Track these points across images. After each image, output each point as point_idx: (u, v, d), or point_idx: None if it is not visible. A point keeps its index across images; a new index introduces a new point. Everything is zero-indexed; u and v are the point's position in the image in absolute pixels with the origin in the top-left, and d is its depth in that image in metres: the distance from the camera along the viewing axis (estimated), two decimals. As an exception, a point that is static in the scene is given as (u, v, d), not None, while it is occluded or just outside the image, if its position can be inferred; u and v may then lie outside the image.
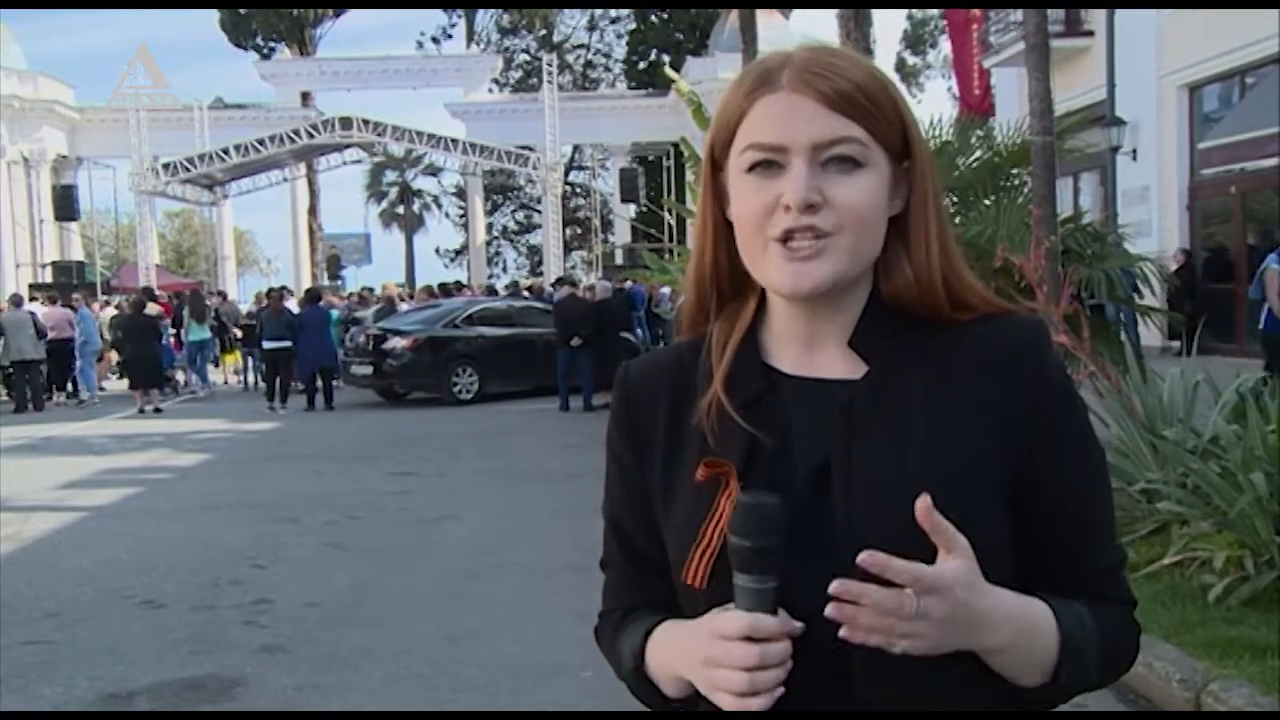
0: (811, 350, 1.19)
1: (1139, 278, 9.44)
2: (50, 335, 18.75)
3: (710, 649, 1.06)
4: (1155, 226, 18.12)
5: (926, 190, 1.17)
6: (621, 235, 40.29)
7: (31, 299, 21.50)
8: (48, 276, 31.11)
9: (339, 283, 42.31)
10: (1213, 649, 4.43)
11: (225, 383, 22.84)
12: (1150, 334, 11.38)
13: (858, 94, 1.11)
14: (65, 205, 32.83)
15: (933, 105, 68.40)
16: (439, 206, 56.69)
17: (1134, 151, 18.60)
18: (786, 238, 1.10)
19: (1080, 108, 16.48)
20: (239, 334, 21.54)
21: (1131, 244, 12.16)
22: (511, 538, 8.07)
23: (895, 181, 1.15)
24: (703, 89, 26.16)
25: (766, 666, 1.03)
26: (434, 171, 52.50)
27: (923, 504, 1.01)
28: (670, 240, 32.72)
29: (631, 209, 38.27)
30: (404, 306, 21.54)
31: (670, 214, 32.30)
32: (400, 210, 55.87)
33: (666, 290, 25.55)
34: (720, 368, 1.19)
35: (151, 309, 19.31)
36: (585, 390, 16.29)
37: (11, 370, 18.50)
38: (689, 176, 21.65)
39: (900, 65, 48.60)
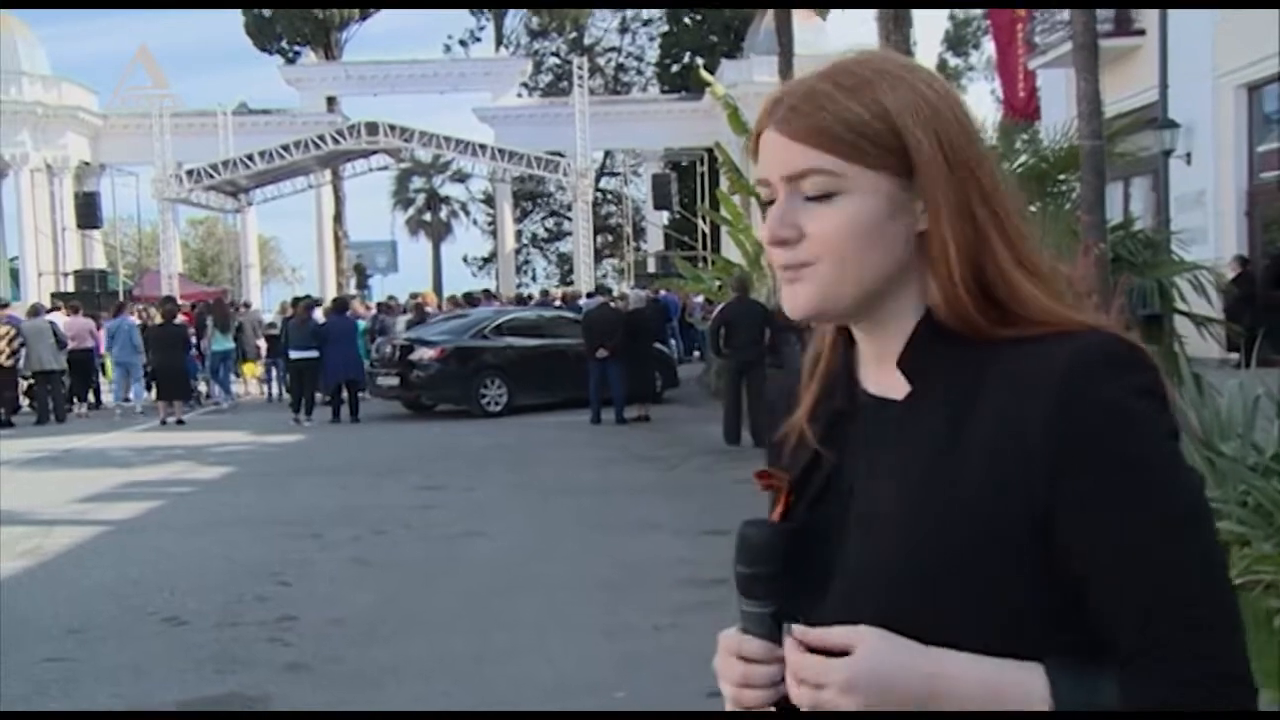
0: (880, 368, 1.19)
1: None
2: (70, 345, 18.57)
3: (717, 658, 1.14)
4: (1211, 233, 17.65)
5: (940, 203, 1.11)
6: (654, 243, 40.15)
7: (54, 308, 21.29)
8: (70, 285, 31.12)
9: (365, 292, 42.35)
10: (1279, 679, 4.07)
11: (245, 393, 22.68)
12: (1208, 345, 11.20)
13: (835, 125, 1.10)
14: (88, 213, 32.99)
15: (975, 108, 68.60)
16: (467, 214, 56.75)
17: (1188, 155, 18.12)
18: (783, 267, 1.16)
19: (1131, 110, 16.21)
20: (260, 344, 21.29)
21: (1186, 251, 11.78)
22: (541, 553, 8.05)
23: (907, 198, 1.12)
24: (737, 92, 25.98)
25: (753, 686, 1.09)
26: (462, 178, 52.29)
27: None
28: (704, 248, 32.39)
29: (664, 216, 38.15)
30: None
31: (704, 221, 31.94)
32: (427, 217, 55.77)
33: (700, 299, 25.17)
34: (812, 385, 1.23)
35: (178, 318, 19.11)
36: (617, 402, 15.94)
37: (34, 381, 18.35)
38: (723, 182, 21.35)
39: (942, 67, 48.27)
